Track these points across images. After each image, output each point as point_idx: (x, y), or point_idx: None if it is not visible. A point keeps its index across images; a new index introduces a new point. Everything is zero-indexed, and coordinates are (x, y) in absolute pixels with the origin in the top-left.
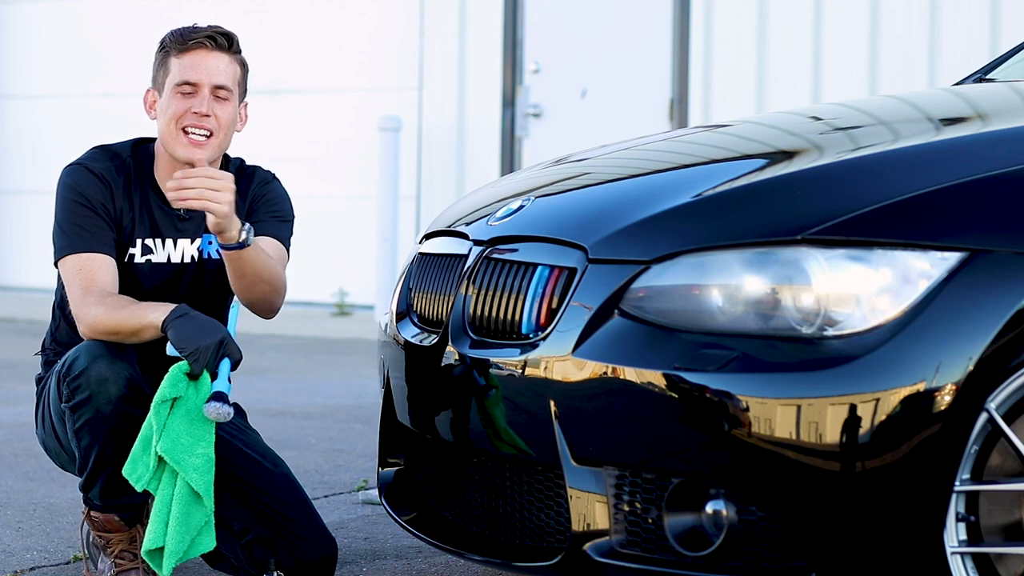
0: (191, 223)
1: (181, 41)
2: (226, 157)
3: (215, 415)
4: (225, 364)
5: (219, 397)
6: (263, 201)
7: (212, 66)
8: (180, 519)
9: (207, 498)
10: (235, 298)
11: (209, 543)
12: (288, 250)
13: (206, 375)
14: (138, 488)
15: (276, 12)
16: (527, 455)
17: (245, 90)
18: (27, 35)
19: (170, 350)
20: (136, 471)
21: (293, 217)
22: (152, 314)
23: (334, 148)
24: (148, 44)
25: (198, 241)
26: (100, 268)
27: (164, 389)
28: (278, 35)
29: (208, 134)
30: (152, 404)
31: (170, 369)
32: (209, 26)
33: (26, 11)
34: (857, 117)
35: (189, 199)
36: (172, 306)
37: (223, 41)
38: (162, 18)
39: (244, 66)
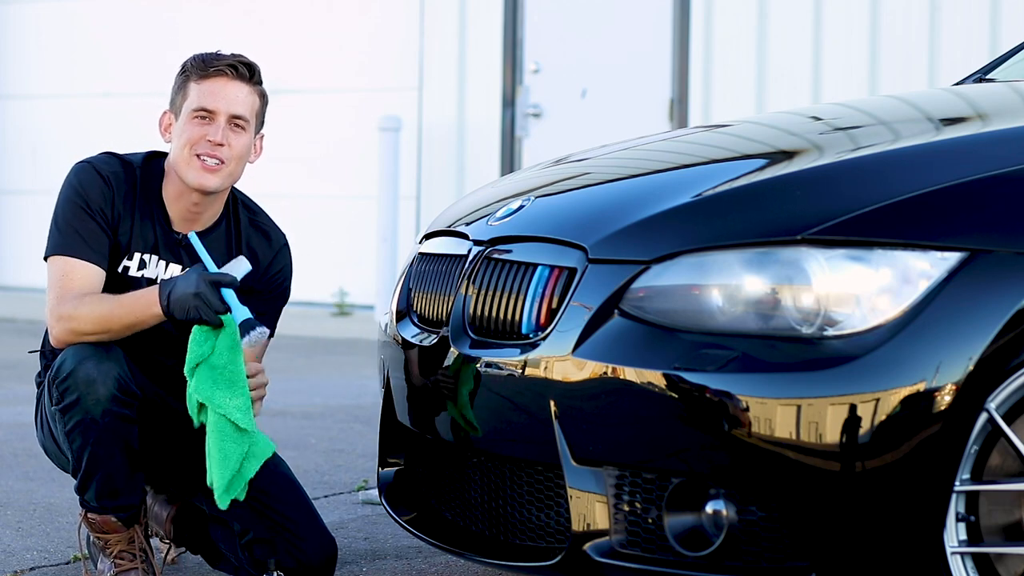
0: (189, 249)
1: (202, 67)
2: (232, 195)
3: (255, 341)
4: (228, 293)
5: (247, 325)
6: (281, 276)
7: (231, 95)
8: (220, 459)
9: (250, 426)
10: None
11: (255, 467)
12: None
13: (227, 319)
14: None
15: (276, 12)
16: (527, 455)
17: (262, 122)
18: (27, 35)
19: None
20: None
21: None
22: (146, 304)
23: (334, 148)
24: (148, 44)
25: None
26: (83, 277)
27: (193, 352)
28: (278, 35)
29: (220, 162)
30: (186, 371)
31: (192, 331)
32: (232, 55)
33: (26, 11)
34: (857, 117)
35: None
36: (156, 290)
37: (244, 71)
38: (162, 18)
39: (264, 97)
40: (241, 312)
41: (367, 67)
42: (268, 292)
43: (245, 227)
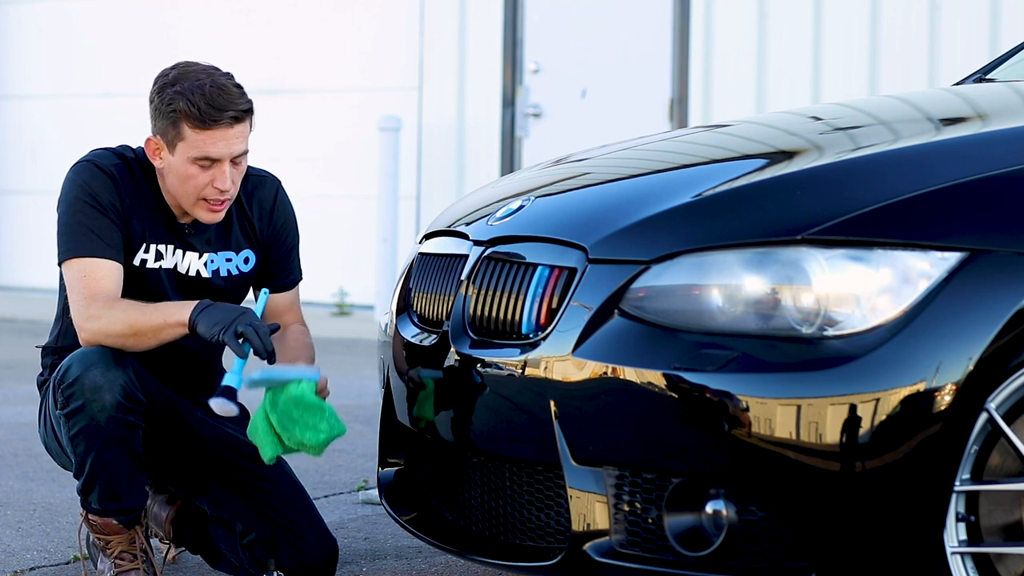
0: (197, 238)
1: (201, 118)
2: None
3: (220, 410)
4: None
5: (226, 392)
6: (286, 231)
7: (233, 140)
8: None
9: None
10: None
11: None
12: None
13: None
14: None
15: (277, 13)
16: (527, 455)
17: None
18: (26, 35)
19: (214, 404)
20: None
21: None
22: (177, 312)
23: (334, 148)
24: (148, 44)
25: (205, 256)
26: (105, 275)
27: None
28: (279, 35)
29: (226, 200)
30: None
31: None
32: (222, 93)
33: (25, 11)
34: (857, 117)
35: None
36: (194, 303)
37: (243, 116)
38: (162, 19)
39: (253, 113)
40: (232, 379)
41: (367, 67)
42: (282, 236)
43: (246, 189)
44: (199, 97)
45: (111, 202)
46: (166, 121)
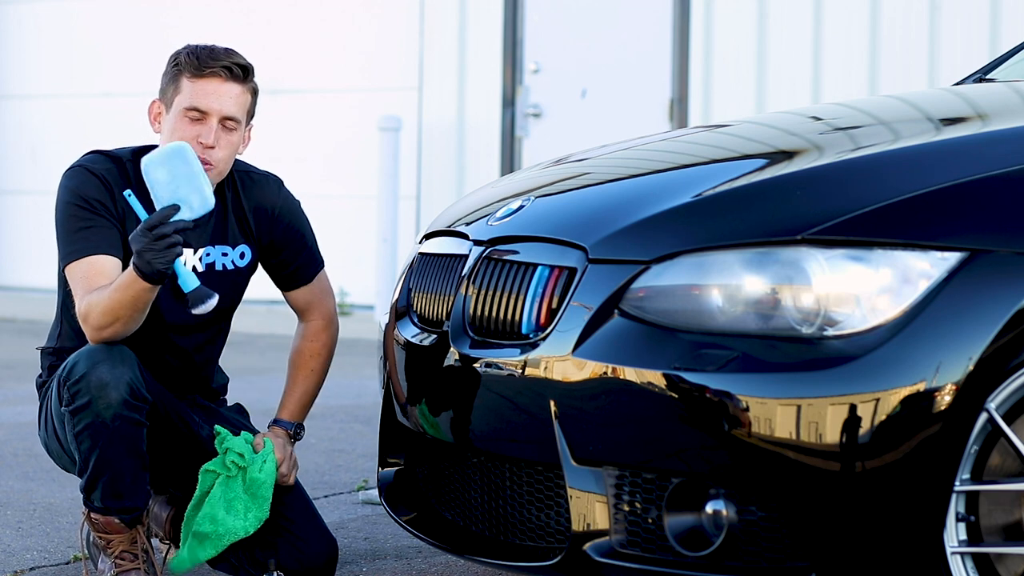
0: (193, 233)
1: (197, 65)
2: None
3: (203, 311)
4: (177, 264)
5: (198, 295)
6: (297, 225)
7: (224, 96)
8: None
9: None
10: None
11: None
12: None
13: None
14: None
15: (277, 12)
16: (527, 455)
17: (252, 114)
18: (26, 35)
19: (196, 311)
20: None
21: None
22: (135, 278)
23: (334, 148)
24: (147, 44)
25: (201, 251)
26: (100, 272)
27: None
28: (279, 35)
29: (211, 164)
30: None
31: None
32: (226, 51)
33: (25, 11)
34: (857, 117)
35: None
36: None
37: (239, 72)
38: (162, 18)
39: (255, 93)
40: (190, 281)
41: (367, 67)
42: (294, 231)
43: (246, 187)
44: (201, 49)
45: (103, 203)
46: (168, 79)
